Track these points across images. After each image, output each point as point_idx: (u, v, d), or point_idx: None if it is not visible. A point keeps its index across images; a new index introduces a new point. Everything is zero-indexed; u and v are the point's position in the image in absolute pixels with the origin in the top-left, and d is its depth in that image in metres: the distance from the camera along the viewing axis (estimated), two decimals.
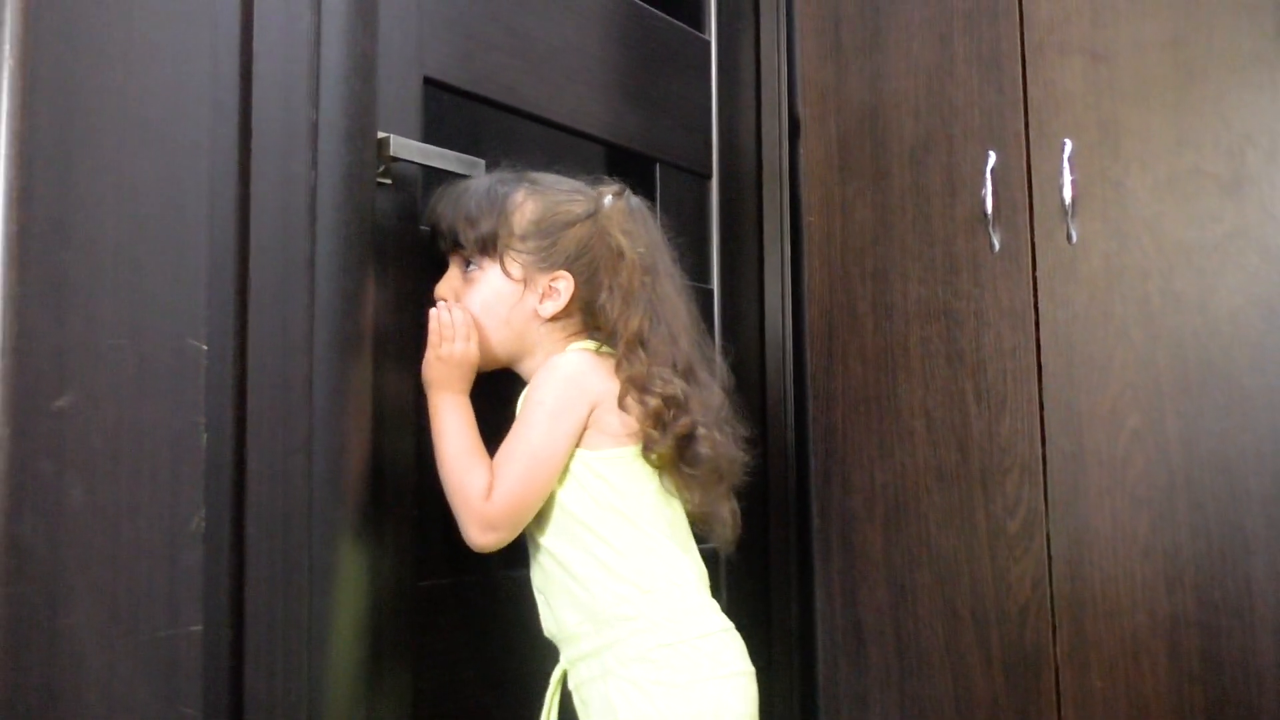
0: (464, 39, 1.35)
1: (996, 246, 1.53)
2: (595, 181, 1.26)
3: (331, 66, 1.08)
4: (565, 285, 1.18)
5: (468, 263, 1.20)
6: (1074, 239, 1.47)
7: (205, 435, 0.83)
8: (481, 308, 1.18)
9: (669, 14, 1.71)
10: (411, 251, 1.23)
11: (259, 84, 0.98)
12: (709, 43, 1.81)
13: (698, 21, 1.82)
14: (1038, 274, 1.50)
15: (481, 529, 1.08)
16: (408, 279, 1.22)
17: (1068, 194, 1.46)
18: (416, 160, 1.21)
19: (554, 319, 1.18)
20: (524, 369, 1.21)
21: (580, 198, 1.22)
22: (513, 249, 1.19)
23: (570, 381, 1.13)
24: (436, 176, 1.28)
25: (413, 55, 1.26)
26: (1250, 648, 1.32)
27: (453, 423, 1.13)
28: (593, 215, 1.21)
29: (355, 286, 1.11)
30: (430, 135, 1.27)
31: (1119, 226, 1.45)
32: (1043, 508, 1.48)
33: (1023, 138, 1.52)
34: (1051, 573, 1.47)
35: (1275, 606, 1.31)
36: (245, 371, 0.92)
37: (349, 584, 1.06)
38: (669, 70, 1.71)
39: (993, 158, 1.53)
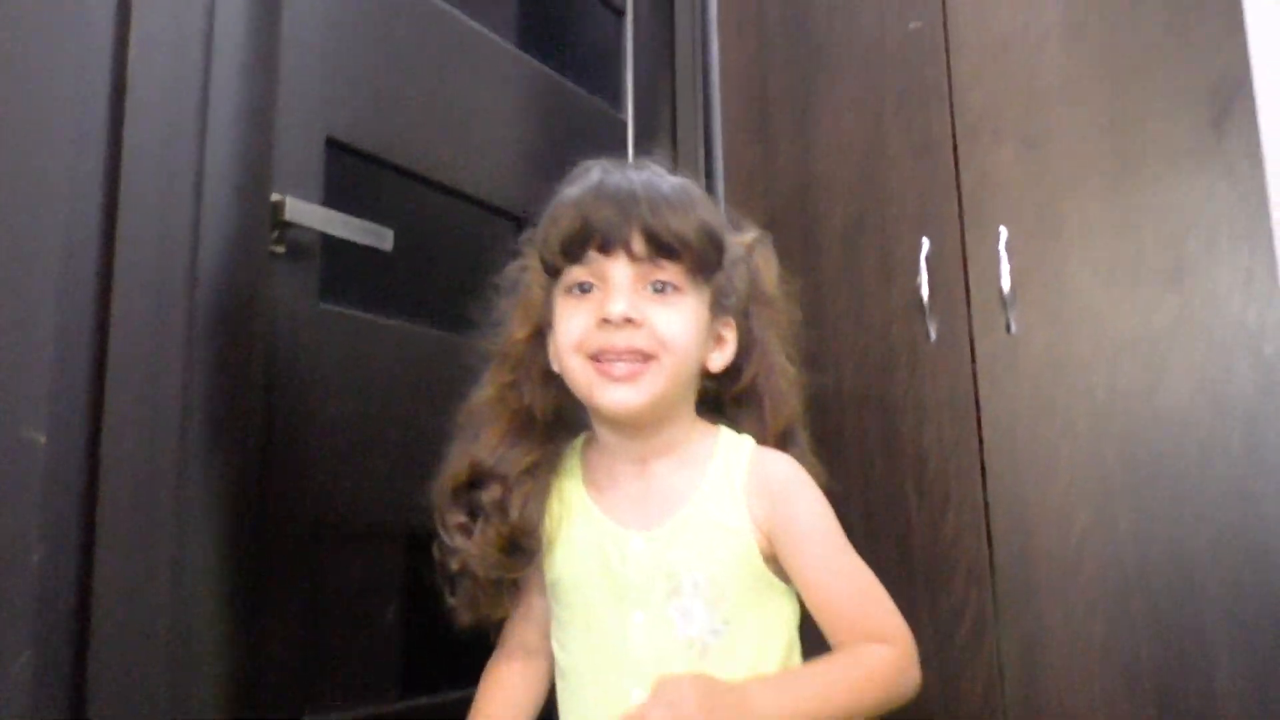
0: (373, 100, 1.22)
1: (934, 335, 1.46)
2: None
3: (222, 113, 0.94)
4: (731, 336, 0.97)
5: (660, 284, 0.89)
6: (1013, 329, 1.41)
7: (37, 553, 0.65)
8: (687, 340, 0.90)
9: (587, 90, 1.63)
10: (309, 330, 1.07)
11: (134, 122, 0.82)
12: (625, 122, 1.73)
13: (616, 99, 1.74)
14: (977, 364, 1.43)
15: (914, 665, 0.86)
16: (303, 362, 1.06)
17: (1005, 282, 1.41)
18: (316, 227, 1.06)
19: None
20: (659, 434, 0.93)
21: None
22: (719, 279, 0.95)
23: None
24: (337, 248, 1.13)
25: (315, 111, 1.12)
26: None
27: (788, 698, 0.82)
28: (752, 249, 1.01)
29: (240, 370, 0.95)
30: (332, 201, 1.13)
31: (1059, 316, 1.39)
32: (992, 610, 1.38)
33: (957, 224, 1.47)
34: (1003, 680, 1.36)
35: (1240, 714, 1.23)
36: (97, 473, 0.74)
37: None
38: (586, 147, 1.60)
39: (927, 244, 1.48)
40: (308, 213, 1.04)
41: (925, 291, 1.46)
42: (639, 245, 0.88)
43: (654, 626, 0.87)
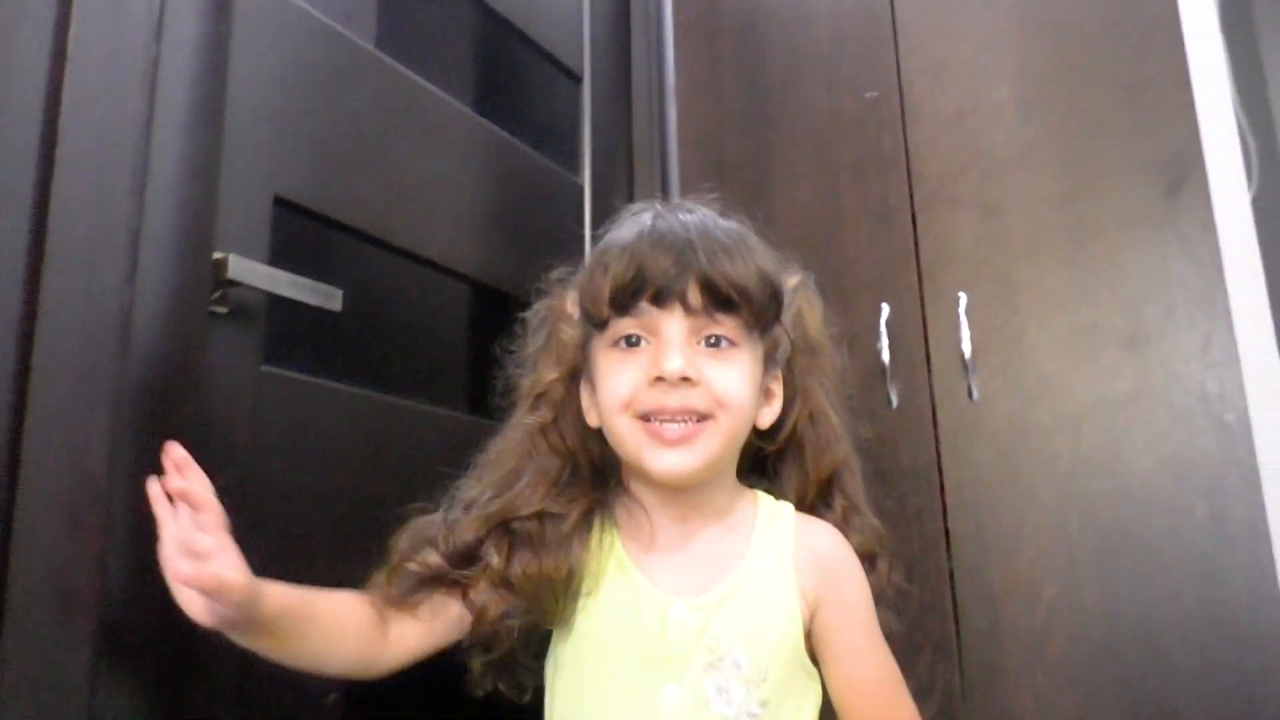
0: (324, 159, 1.18)
1: (895, 402, 1.44)
2: None
3: (163, 167, 0.90)
4: (779, 390, 0.92)
5: (715, 338, 0.84)
6: (975, 396, 1.40)
7: None
8: (744, 400, 0.85)
9: (544, 155, 1.61)
10: (250, 394, 1.02)
11: (65, 176, 0.78)
12: (583, 187, 1.72)
13: (573, 164, 1.72)
14: (940, 432, 1.41)
15: None
16: (243, 428, 1.00)
17: (967, 348, 1.40)
18: (261, 287, 1.01)
19: None
20: (702, 496, 0.88)
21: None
22: (775, 333, 0.90)
23: None
24: (284, 309, 1.08)
25: (263, 170, 1.08)
26: None
27: None
28: (796, 292, 0.95)
29: (172, 437, 0.88)
30: (280, 261, 1.08)
31: (1021, 382, 1.38)
32: (959, 689, 1.34)
33: (916, 291, 1.46)
34: None
35: None
36: (7, 560, 0.67)
37: None
38: (543, 213, 1.59)
39: (886, 310, 1.46)
40: (252, 271, 1.00)
41: (886, 356, 1.44)
42: (695, 297, 0.82)
43: (687, 702, 0.81)
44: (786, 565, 0.86)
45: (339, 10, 1.24)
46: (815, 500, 0.94)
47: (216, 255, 0.98)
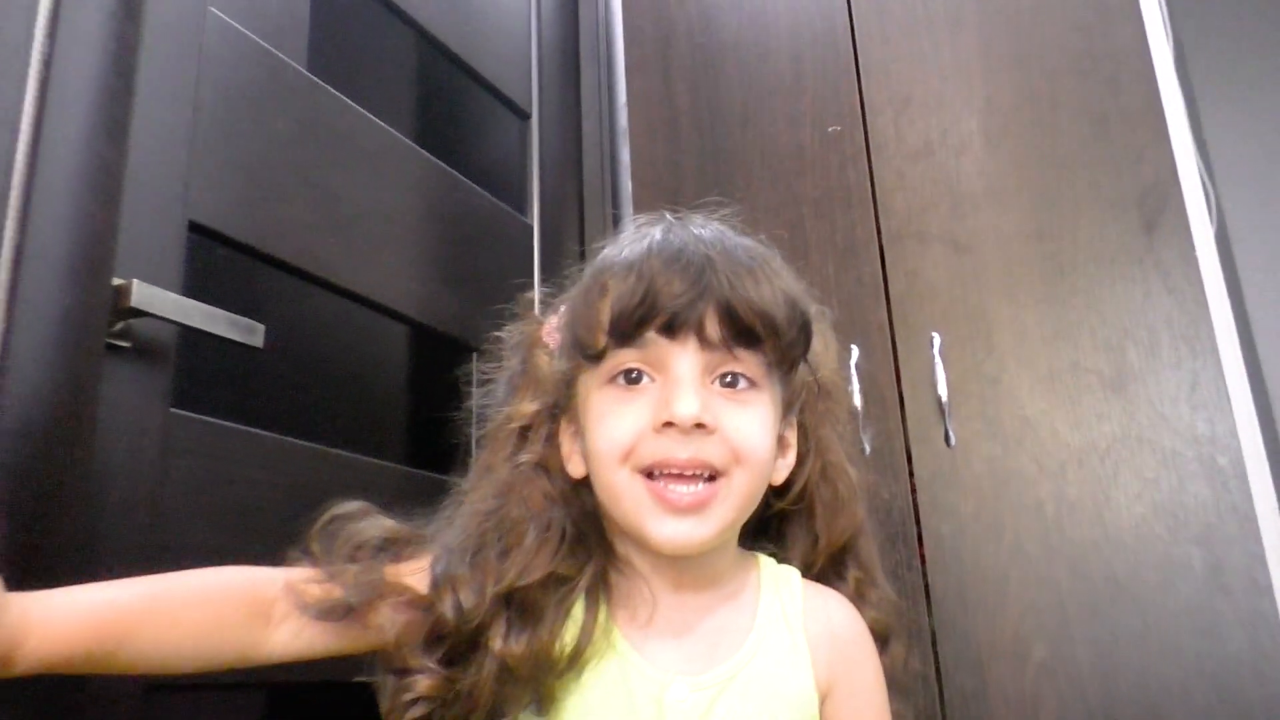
0: (248, 185, 1.08)
1: (868, 449, 1.35)
2: None
3: (55, 175, 0.78)
4: (794, 439, 0.79)
5: (733, 377, 0.72)
6: (953, 441, 1.31)
7: None
8: (765, 453, 0.72)
9: (491, 193, 1.51)
10: (155, 440, 0.89)
11: None
12: (532, 227, 1.62)
13: (521, 204, 1.63)
14: (915, 480, 1.32)
15: None
16: (146, 477, 0.87)
17: (943, 390, 1.31)
18: (170, 317, 0.89)
19: None
20: (703, 561, 0.75)
21: None
22: (799, 373, 0.78)
23: None
24: (198, 346, 0.96)
25: (176, 192, 0.97)
26: None
27: None
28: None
29: (55, 489, 0.76)
30: (196, 295, 0.95)
31: (1000, 427, 1.30)
32: None
33: (887, 331, 1.38)
34: None
35: None
36: None
37: None
38: (490, 253, 1.49)
39: (856, 352, 1.38)
40: (159, 300, 0.87)
41: (858, 400, 1.35)
42: (713, 328, 0.70)
43: None
44: (798, 639, 0.75)
45: (268, 29, 1.15)
46: (825, 569, 0.82)
47: (118, 281, 0.86)
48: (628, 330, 0.70)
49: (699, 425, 0.68)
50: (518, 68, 1.67)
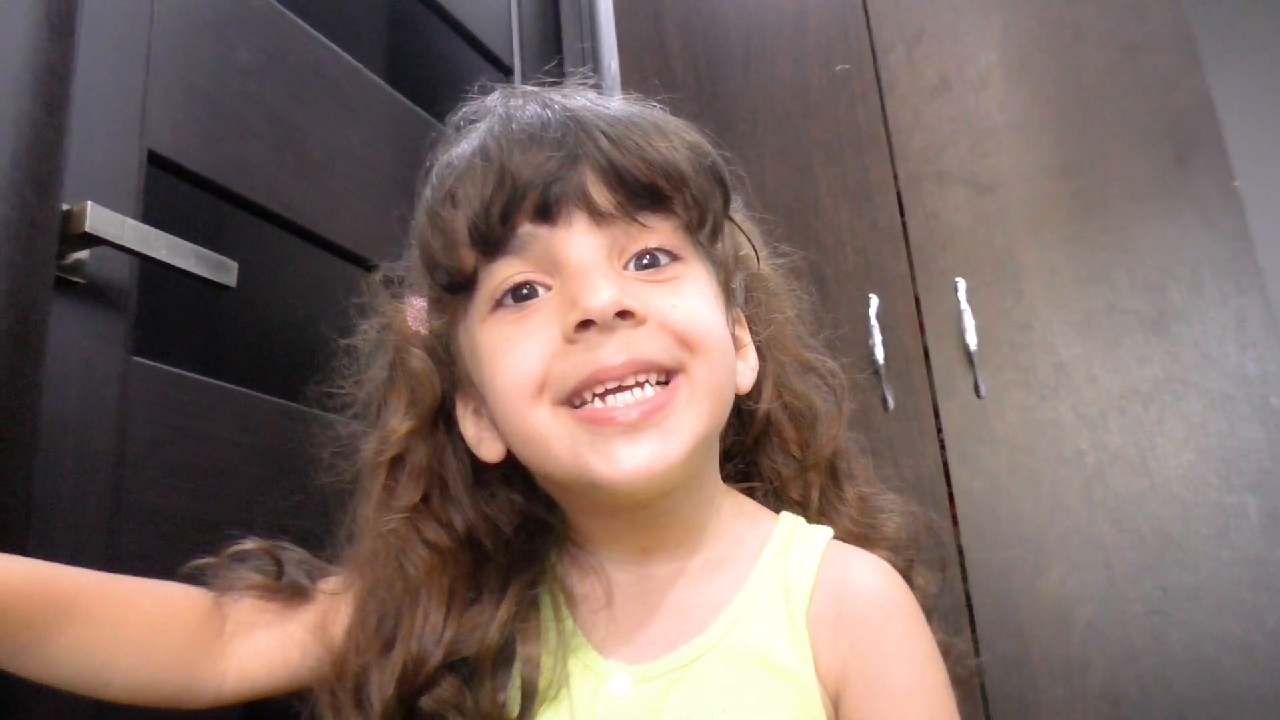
0: (210, 117, 0.96)
1: (891, 404, 1.25)
2: None
3: None
4: (748, 338, 0.65)
5: (650, 255, 0.57)
6: (983, 392, 1.22)
7: None
8: (721, 332, 0.58)
9: None
10: (113, 393, 0.78)
11: None
12: None
13: None
14: (944, 435, 1.23)
15: None
16: (102, 436, 0.76)
17: (971, 340, 1.22)
18: (128, 245, 0.77)
19: None
20: (672, 511, 0.59)
21: None
22: (723, 245, 0.63)
23: None
24: (160, 288, 0.85)
25: (133, 117, 0.86)
26: None
27: None
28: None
29: (5, 453, 0.64)
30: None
31: (1033, 375, 1.21)
32: None
33: (908, 279, 1.29)
34: None
35: None
36: None
37: None
38: None
39: (875, 302, 1.29)
40: (117, 226, 0.76)
41: (880, 354, 1.26)
42: (601, 192, 0.55)
43: None
44: (797, 620, 0.56)
45: None
46: (826, 496, 0.66)
47: (68, 207, 0.74)
48: (493, 230, 0.56)
49: (623, 314, 0.53)
50: (498, 18, 1.56)
